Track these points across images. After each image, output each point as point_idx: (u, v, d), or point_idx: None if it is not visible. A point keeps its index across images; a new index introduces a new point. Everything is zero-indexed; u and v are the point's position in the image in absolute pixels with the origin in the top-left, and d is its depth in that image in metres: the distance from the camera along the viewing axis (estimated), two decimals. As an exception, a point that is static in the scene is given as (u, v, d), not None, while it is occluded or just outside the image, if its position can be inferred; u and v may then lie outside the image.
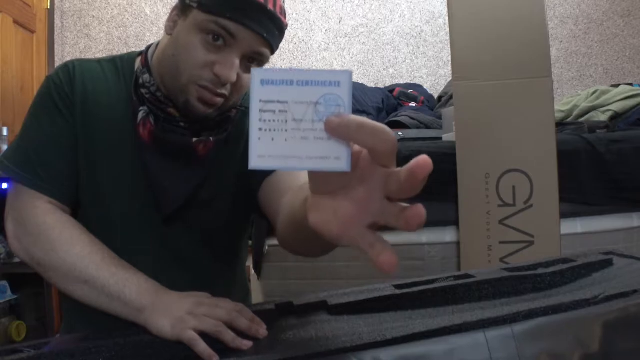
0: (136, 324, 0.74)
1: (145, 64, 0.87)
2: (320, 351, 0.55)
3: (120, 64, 0.92)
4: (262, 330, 0.67)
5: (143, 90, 0.85)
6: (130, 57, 0.93)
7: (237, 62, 0.79)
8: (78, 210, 0.90)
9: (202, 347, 0.64)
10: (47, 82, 0.89)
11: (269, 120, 0.39)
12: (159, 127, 0.84)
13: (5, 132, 2.07)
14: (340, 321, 0.69)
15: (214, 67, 0.79)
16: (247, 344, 0.64)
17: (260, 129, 0.39)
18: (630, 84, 2.28)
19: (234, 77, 0.79)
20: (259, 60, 0.82)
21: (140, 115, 0.84)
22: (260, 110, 0.39)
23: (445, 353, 0.50)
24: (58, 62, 2.92)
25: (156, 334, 0.70)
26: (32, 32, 2.68)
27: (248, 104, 0.90)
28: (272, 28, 0.80)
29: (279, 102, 0.39)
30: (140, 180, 0.87)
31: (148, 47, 0.90)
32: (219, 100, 0.82)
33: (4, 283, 2.10)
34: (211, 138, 0.86)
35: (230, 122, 0.90)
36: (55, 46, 2.91)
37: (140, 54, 0.92)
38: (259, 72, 0.39)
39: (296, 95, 0.39)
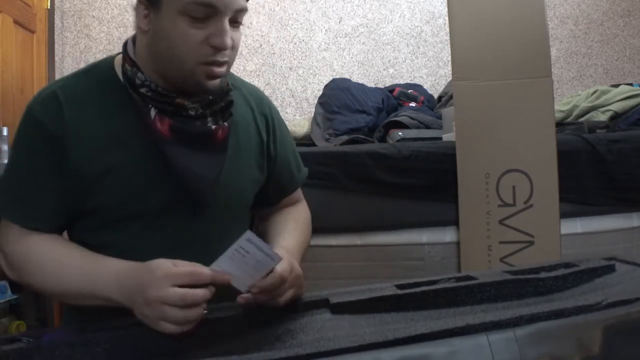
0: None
1: (133, 64, 0.87)
2: (322, 351, 0.55)
3: (96, 71, 0.91)
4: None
5: (143, 90, 0.85)
6: (107, 63, 0.92)
7: (227, 26, 0.82)
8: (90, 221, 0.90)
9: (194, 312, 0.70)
10: (29, 119, 0.87)
11: (238, 255, 0.74)
12: (176, 120, 0.86)
13: (5, 132, 2.06)
14: (342, 320, 0.69)
15: (210, 40, 0.82)
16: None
17: (230, 257, 0.74)
18: (630, 84, 2.28)
19: (229, 41, 0.83)
20: (243, 14, 0.86)
21: (152, 113, 0.85)
22: (237, 249, 0.74)
23: (448, 355, 0.50)
24: (58, 62, 2.92)
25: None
26: (32, 32, 2.68)
27: (235, 83, 0.97)
28: None
29: (247, 252, 0.74)
30: (161, 174, 0.87)
31: (125, 48, 0.90)
32: (225, 69, 0.86)
33: (4, 283, 2.10)
34: (225, 123, 0.90)
35: (233, 105, 0.93)
36: (55, 46, 2.91)
37: (115, 57, 0.92)
38: (251, 235, 0.74)
39: (257, 254, 0.74)
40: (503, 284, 0.73)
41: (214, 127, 0.88)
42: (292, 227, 1.04)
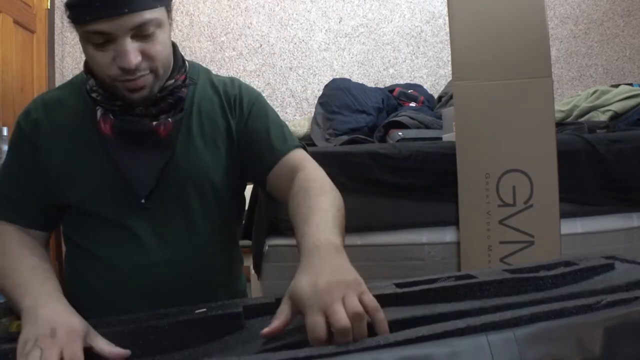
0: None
1: (88, 71, 0.95)
2: (322, 353, 0.55)
3: (77, 81, 1.01)
4: None
5: (94, 94, 0.93)
6: (83, 73, 1.00)
7: (127, 47, 0.84)
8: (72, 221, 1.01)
9: None
10: (15, 127, 0.99)
11: None
12: (118, 119, 0.92)
13: (5, 132, 2.06)
14: None
15: (115, 61, 0.85)
16: None
17: None
18: (630, 84, 2.28)
19: (133, 61, 0.85)
20: (149, 25, 0.86)
21: (99, 113, 0.92)
22: None
23: (448, 355, 0.50)
24: (58, 62, 2.92)
25: None
26: (32, 32, 2.68)
27: (198, 77, 0.99)
28: None
29: None
30: (110, 172, 0.94)
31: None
32: (144, 80, 0.88)
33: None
34: (169, 119, 0.93)
35: (183, 101, 0.96)
36: (55, 46, 2.91)
37: None
38: None
39: None
40: (502, 282, 0.73)
41: (154, 123, 0.92)
42: (306, 210, 0.85)
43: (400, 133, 1.93)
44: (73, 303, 0.80)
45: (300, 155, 1.01)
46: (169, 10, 0.91)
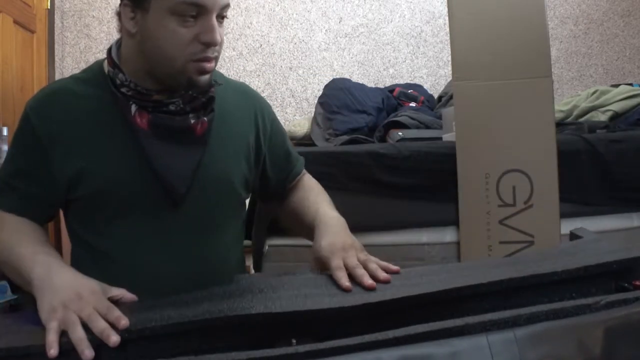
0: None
1: (115, 66, 0.92)
2: (322, 349, 0.55)
3: (92, 74, 0.97)
4: (123, 322, 0.67)
5: (124, 89, 0.90)
6: (98, 64, 0.98)
7: (215, 23, 0.86)
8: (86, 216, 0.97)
9: (50, 338, 0.65)
10: (24, 117, 0.94)
11: None
12: (155, 115, 0.90)
13: (5, 132, 2.06)
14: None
15: (200, 37, 0.85)
16: (114, 340, 0.64)
17: None
18: (630, 84, 2.28)
19: (219, 37, 0.86)
20: (227, 9, 0.90)
21: (133, 108, 0.90)
22: None
23: (448, 356, 0.50)
24: (58, 62, 2.92)
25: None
26: (32, 32, 2.68)
27: (221, 81, 0.99)
28: None
29: None
30: (142, 167, 0.91)
31: (110, 52, 0.94)
32: (214, 64, 0.90)
33: (4, 283, 2.10)
34: (205, 118, 0.93)
35: (214, 100, 0.95)
36: (55, 46, 2.91)
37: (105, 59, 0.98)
38: None
39: None
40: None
41: (192, 121, 0.92)
42: (315, 197, 1.09)
43: (400, 133, 1.93)
44: None
45: (306, 175, 1.18)
46: None
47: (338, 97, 2.39)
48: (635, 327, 0.55)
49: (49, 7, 2.83)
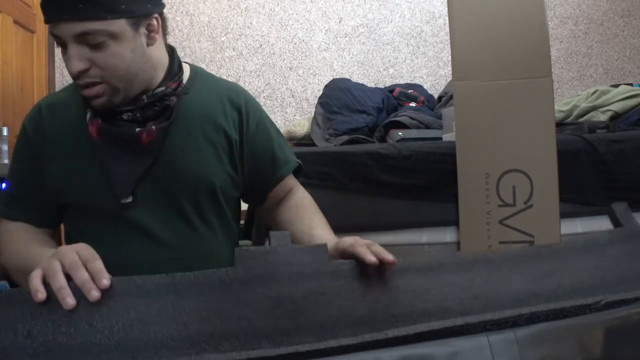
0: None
1: None
2: (322, 348, 0.55)
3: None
4: (104, 281, 0.66)
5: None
6: None
7: (71, 52, 0.87)
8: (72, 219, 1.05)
9: (33, 283, 0.64)
10: (21, 129, 1.03)
11: None
12: (105, 123, 0.95)
13: (5, 132, 2.06)
14: None
15: None
16: (95, 295, 0.63)
17: None
18: (630, 84, 2.28)
19: (76, 67, 0.88)
20: (96, 35, 0.87)
21: (88, 116, 0.95)
22: None
23: (448, 356, 0.50)
24: (58, 62, 2.92)
25: None
26: (32, 32, 2.68)
27: (191, 87, 1.01)
28: (69, 4, 0.84)
29: None
30: (96, 172, 0.98)
31: None
32: (98, 89, 0.91)
33: (4, 283, 2.10)
34: (153, 127, 0.95)
35: (171, 109, 0.98)
36: (55, 46, 2.91)
37: None
38: None
39: None
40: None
41: (137, 130, 0.94)
42: (317, 221, 1.08)
43: (400, 133, 1.93)
44: None
45: (292, 181, 1.16)
46: (135, 23, 0.90)
47: (338, 97, 2.38)
48: (635, 327, 0.55)
49: (49, 7, 2.83)
